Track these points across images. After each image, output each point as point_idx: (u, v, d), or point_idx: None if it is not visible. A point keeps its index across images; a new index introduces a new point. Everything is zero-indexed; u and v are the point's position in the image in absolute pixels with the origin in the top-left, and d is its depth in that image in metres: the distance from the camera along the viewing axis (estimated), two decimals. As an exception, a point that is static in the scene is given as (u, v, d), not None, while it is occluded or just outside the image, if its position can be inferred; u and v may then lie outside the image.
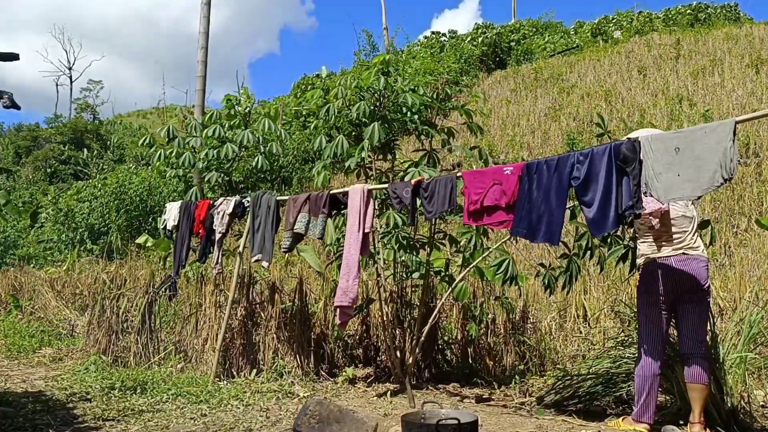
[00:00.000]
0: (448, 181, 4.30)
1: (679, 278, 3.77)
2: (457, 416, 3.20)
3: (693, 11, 24.62)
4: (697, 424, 3.63)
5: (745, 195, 10.22)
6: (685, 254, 3.79)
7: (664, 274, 3.80)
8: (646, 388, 3.78)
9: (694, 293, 3.77)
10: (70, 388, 4.94)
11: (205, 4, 14.70)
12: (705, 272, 3.79)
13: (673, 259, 3.80)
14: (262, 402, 4.69)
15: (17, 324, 8.06)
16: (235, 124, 6.46)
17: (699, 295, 3.78)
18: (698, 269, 3.77)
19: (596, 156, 3.62)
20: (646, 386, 3.78)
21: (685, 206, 3.88)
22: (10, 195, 18.39)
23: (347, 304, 4.69)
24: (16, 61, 4.54)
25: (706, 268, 3.82)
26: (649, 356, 3.81)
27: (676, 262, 3.79)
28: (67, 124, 25.25)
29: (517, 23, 29.62)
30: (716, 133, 3.17)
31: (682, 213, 3.86)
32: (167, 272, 6.72)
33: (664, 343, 3.88)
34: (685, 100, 14.61)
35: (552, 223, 3.75)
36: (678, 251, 3.80)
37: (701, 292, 3.78)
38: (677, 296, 3.80)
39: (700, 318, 3.78)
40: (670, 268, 3.80)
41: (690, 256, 3.79)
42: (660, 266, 3.82)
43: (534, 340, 5.75)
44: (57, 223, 14.43)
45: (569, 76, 19.38)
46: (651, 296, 3.85)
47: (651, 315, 3.85)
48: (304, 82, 22.47)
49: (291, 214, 5.14)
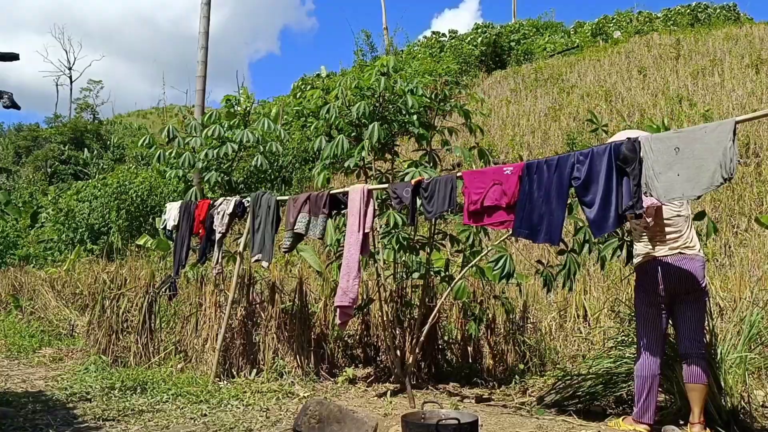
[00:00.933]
0: (448, 181, 4.30)
1: (676, 278, 3.77)
2: (457, 416, 3.20)
3: (693, 11, 24.64)
4: (698, 424, 3.63)
5: (745, 195, 10.22)
6: (681, 254, 3.80)
7: (661, 273, 3.80)
8: (646, 389, 3.78)
9: (691, 293, 3.78)
10: (70, 388, 4.94)
11: (205, 4, 14.70)
12: (702, 271, 3.79)
13: (669, 258, 3.80)
14: (262, 402, 4.69)
15: (17, 324, 8.07)
16: (234, 124, 6.46)
17: (696, 295, 3.78)
18: (695, 268, 3.77)
19: (596, 156, 3.63)
20: (646, 387, 3.78)
21: (680, 205, 3.88)
22: (11, 195, 18.39)
23: (347, 304, 4.69)
24: (16, 61, 4.54)
25: (703, 267, 3.82)
26: (648, 356, 3.81)
27: (672, 261, 3.79)
28: (67, 124, 25.22)
29: (517, 23, 29.63)
30: (716, 133, 3.17)
31: (677, 212, 3.86)
32: (167, 272, 6.73)
33: (663, 343, 3.88)
34: (685, 100, 14.61)
35: (552, 224, 3.76)
36: (674, 251, 3.81)
37: (698, 292, 3.78)
38: (674, 296, 3.81)
39: (698, 318, 3.78)
40: (666, 267, 3.80)
41: (686, 255, 3.79)
42: (657, 266, 3.83)
43: (534, 340, 5.75)
44: (57, 223, 14.43)
45: (569, 76, 19.37)
46: (648, 296, 3.86)
47: (649, 315, 3.85)
48: (303, 82, 22.49)
49: (291, 214, 5.15)
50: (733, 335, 4.20)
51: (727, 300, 5.94)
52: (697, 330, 3.76)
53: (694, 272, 3.76)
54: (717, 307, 5.75)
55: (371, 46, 29.37)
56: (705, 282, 3.82)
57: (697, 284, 3.76)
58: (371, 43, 29.49)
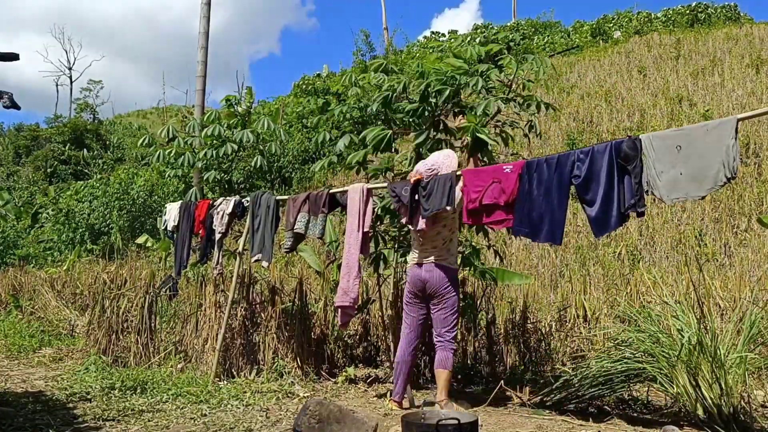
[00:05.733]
0: (447, 179, 4.29)
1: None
2: (457, 416, 3.20)
3: (693, 11, 24.62)
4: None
5: (745, 195, 10.22)
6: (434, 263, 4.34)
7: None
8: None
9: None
10: (70, 388, 4.94)
11: (205, 4, 14.69)
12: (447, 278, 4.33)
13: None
14: (262, 402, 4.68)
15: (17, 324, 8.06)
16: (234, 124, 6.45)
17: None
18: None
19: (597, 154, 3.62)
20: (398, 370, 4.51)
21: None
22: (11, 195, 18.39)
23: (348, 304, 4.68)
24: (16, 61, 4.53)
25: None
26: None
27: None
28: (67, 124, 25.20)
29: (517, 23, 29.62)
30: (718, 131, 3.17)
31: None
32: (167, 272, 6.72)
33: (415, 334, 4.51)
34: (685, 100, 14.61)
35: (554, 223, 3.75)
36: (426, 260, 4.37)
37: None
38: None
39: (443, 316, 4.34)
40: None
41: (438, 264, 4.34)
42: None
43: (534, 340, 5.75)
44: (57, 223, 14.43)
45: (569, 76, 19.36)
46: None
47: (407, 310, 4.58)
48: (304, 82, 22.50)
49: (291, 214, 5.14)
50: (733, 335, 4.20)
51: (727, 300, 5.93)
52: (443, 325, 4.30)
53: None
54: (717, 307, 5.75)
55: (370, 46, 29.39)
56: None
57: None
58: (370, 42, 29.52)
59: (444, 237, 4.38)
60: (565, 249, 9.50)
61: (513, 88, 5.18)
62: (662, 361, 4.03)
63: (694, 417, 3.87)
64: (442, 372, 4.27)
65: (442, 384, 4.25)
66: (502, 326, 5.78)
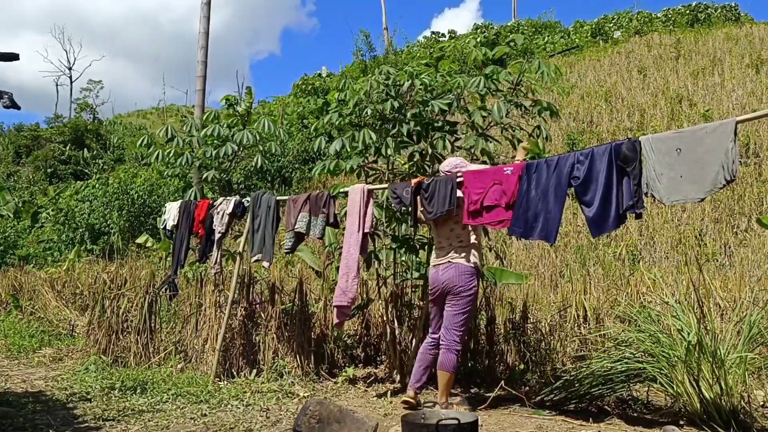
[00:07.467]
0: (449, 181, 4.30)
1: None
2: (457, 416, 3.20)
3: (693, 11, 24.62)
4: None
5: (745, 195, 10.22)
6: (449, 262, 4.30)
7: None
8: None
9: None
10: (70, 388, 4.95)
11: (205, 4, 14.70)
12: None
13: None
14: (262, 402, 4.69)
15: (17, 324, 8.06)
16: (233, 123, 6.45)
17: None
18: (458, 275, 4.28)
19: (597, 156, 3.63)
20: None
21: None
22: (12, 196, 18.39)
23: (346, 304, 4.69)
24: (16, 61, 4.54)
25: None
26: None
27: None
28: (67, 124, 25.17)
29: (516, 23, 29.62)
30: (717, 134, 3.17)
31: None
32: (167, 272, 6.72)
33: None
34: (685, 100, 14.61)
35: (549, 222, 3.75)
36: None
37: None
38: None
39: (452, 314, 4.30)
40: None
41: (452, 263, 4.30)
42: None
43: (534, 340, 5.75)
44: (57, 223, 14.43)
45: (569, 76, 19.36)
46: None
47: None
48: (304, 82, 22.51)
49: (291, 214, 5.14)
50: (733, 335, 4.20)
51: (727, 300, 5.93)
52: (451, 324, 4.27)
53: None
54: (717, 307, 5.75)
55: (370, 46, 29.40)
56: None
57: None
58: (370, 42, 29.53)
59: (458, 234, 4.33)
60: (565, 249, 9.50)
61: (523, 91, 5.18)
62: (662, 361, 4.03)
63: (694, 417, 3.87)
64: (444, 374, 4.25)
65: (442, 386, 4.24)
66: (502, 326, 5.78)
